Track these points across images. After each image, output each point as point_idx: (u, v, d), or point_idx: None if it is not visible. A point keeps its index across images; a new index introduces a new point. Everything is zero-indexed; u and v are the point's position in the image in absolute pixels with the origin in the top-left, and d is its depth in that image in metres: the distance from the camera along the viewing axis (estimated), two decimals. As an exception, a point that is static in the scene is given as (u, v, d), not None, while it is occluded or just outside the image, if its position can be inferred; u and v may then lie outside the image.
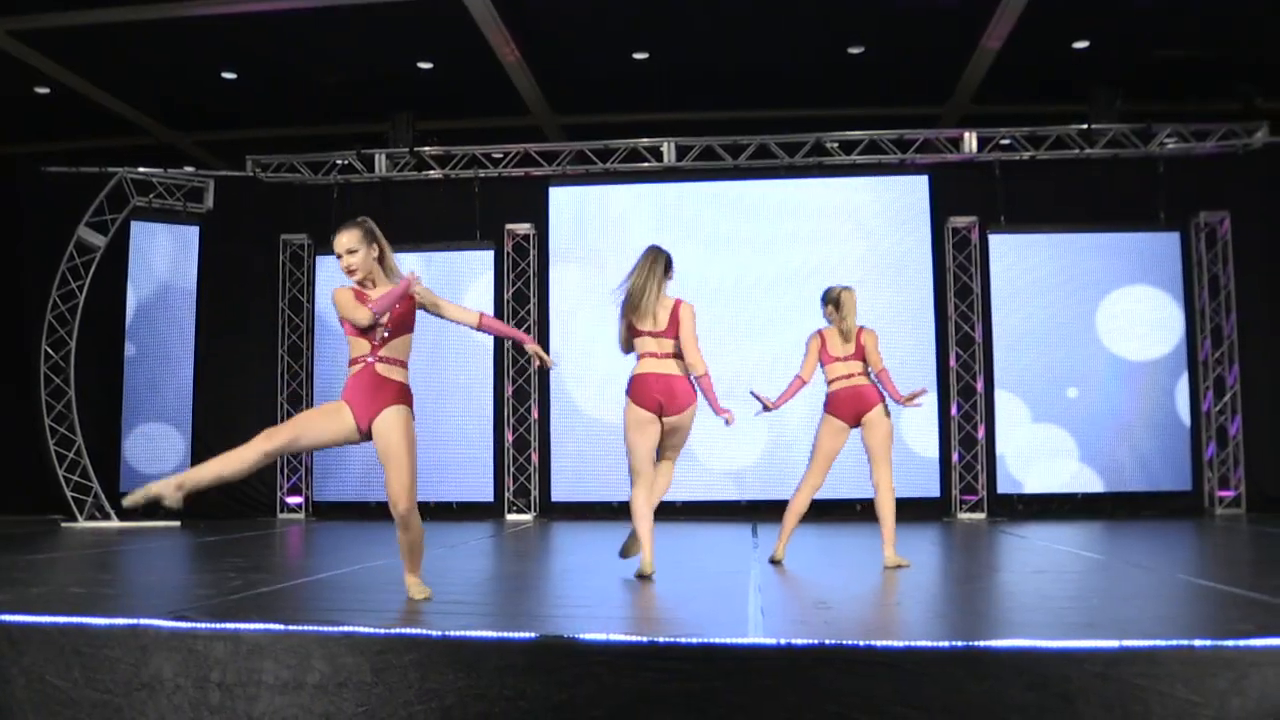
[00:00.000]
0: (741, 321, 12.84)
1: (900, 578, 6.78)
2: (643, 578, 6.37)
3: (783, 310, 12.77)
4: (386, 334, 5.26)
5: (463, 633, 3.89)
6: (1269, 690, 3.54)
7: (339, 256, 5.35)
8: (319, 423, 5.31)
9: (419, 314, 5.43)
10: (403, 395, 5.24)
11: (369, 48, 11.81)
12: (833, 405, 7.57)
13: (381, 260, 5.47)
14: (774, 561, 7.38)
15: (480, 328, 5.66)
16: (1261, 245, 12.68)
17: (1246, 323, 12.67)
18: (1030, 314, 12.67)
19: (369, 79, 12.56)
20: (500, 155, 13.25)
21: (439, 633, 3.88)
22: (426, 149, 13.14)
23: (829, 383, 7.60)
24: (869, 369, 7.43)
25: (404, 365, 5.32)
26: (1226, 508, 12.51)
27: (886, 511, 7.24)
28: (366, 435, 5.26)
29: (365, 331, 5.24)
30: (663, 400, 6.76)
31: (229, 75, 12.47)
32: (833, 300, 7.49)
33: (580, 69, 12.53)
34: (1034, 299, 12.68)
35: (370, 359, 5.25)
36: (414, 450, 5.20)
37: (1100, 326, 12.58)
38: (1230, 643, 3.64)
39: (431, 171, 13.32)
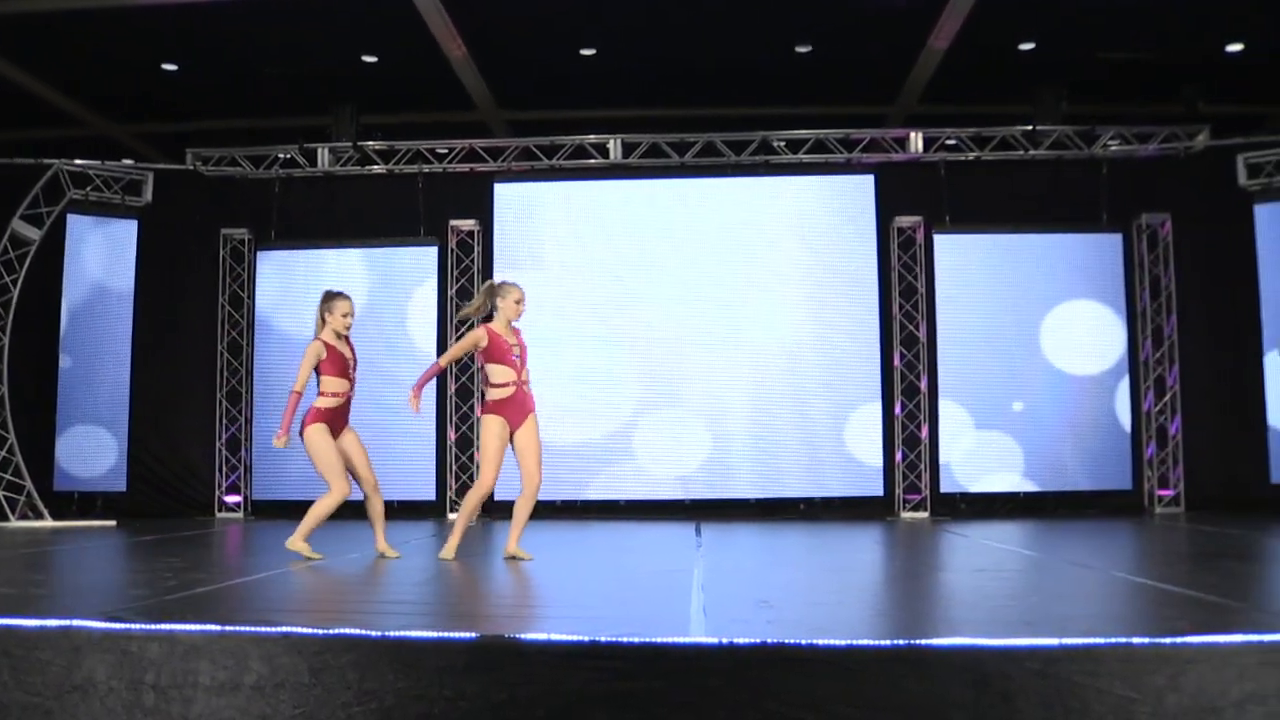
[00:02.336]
0: (688, 319, 12.82)
1: (844, 576, 6.80)
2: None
3: (729, 308, 12.79)
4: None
5: (402, 633, 3.85)
6: (1205, 686, 3.58)
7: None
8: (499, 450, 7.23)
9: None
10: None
11: (313, 40, 11.70)
12: None
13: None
14: None
15: None
16: (1202, 247, 12.83)
17: (1186, 324, 12.82)
18: (975, 316, 12.73)
19: (312, 72, 12.44)
20: (445, 150, 13.16)
21: (378, 633, 3.83)
22: (370, 143, 13.02)
23: None
24: None
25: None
26: (1166, 506, 12.65)
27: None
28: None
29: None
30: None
31: (169, 67, 12.30)
32: None
33: (527, 64, 12.48)
34: (978, 301, 12.74)
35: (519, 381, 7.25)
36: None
37: (1044, 341, 12.67)
38: (1168, 640, 3.69)
39: (375, 166, 13.19)
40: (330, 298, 7.50)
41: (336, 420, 7.48)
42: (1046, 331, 12.69)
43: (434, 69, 12.20)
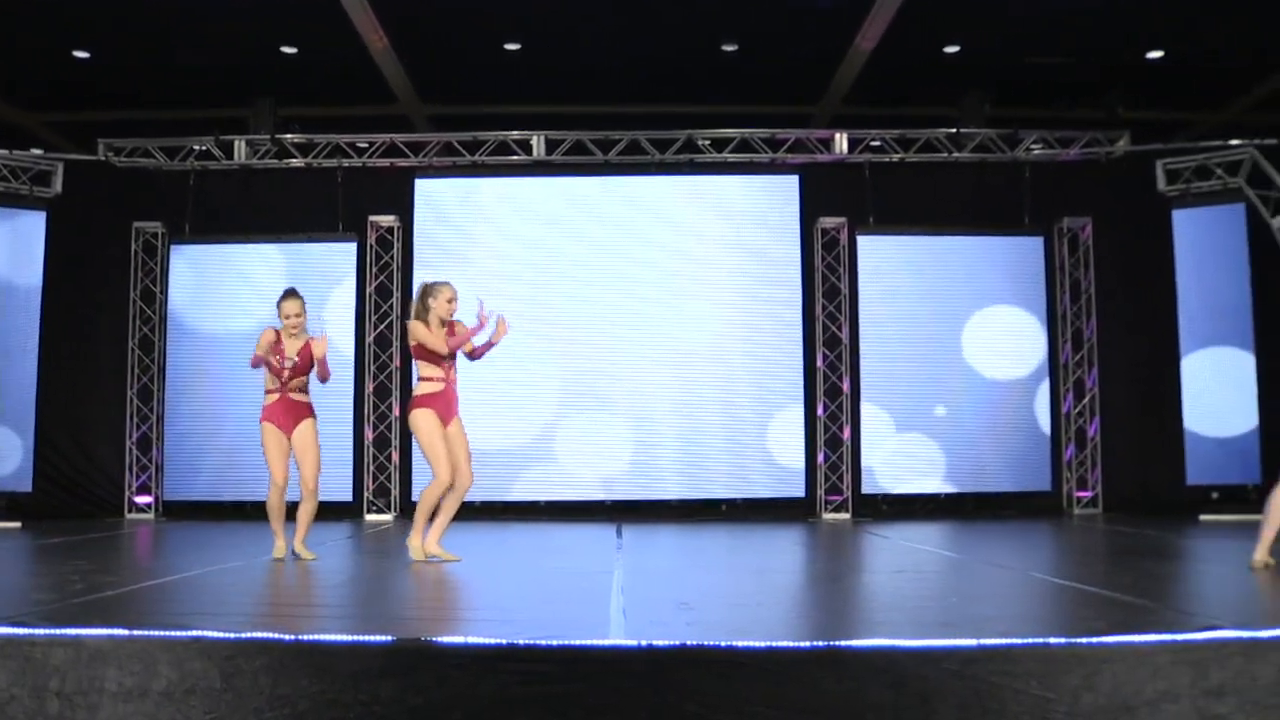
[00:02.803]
0: (611, 319, 12.78)
1: (765, 577, 6.80)
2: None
3: (652, 307, 12.77)
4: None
5: (316, 636, 3.81)
6: (1120, 685, 3.64)
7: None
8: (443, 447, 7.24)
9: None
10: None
11: (230, 30, 11.45)
12: None
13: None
14: None
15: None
16: (1121, 251, 13.03)
17: (1106, 327, 13.01)
18: (898, 318, 12.79)
19: (230, 63, 12.20)
20: (365, 145, 12.98)
21: (291, 636, 3.78)
22: (288, 136, 12.82)
23: None
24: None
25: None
26: (1084, 508, 12.83)
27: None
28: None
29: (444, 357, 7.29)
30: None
31: (81, 54, 12.00)
32: None
33: (450, 58, 12.35)
34: (902, 303, 12.81)
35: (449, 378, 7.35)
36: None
37: (966, 345, 12.78)
38: (1083, 640, 3.76)
39: (293, 160, 12.98)
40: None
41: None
42: (968, 335, 12.79)
43: (355, 61, 12.03)
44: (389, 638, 3.79)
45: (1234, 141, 12.62)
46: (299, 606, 5.23)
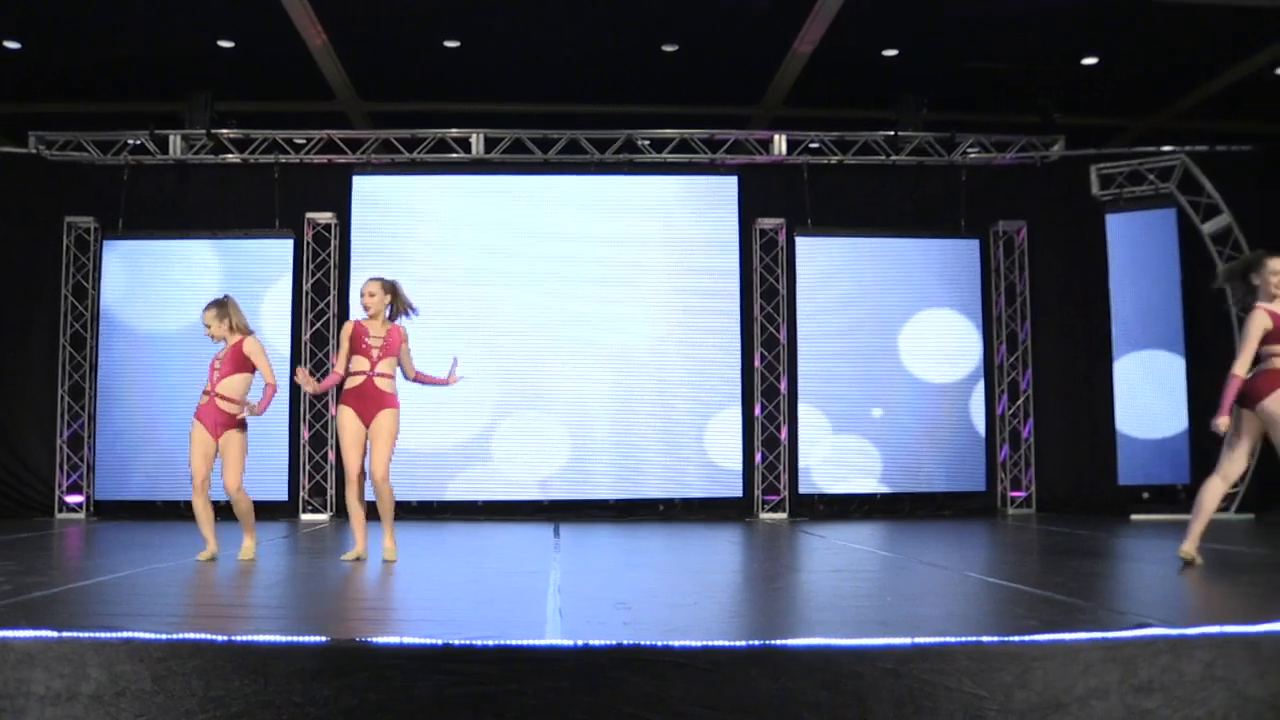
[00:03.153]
0: (549, 318, 12.75)
1: (702, 577, 6.81)
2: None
3: (591, 307, 12.76)
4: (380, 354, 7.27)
5: (250, 637, 3.76)
6: (1051, 683, 3.68)
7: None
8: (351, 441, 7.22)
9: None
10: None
11: (166, 22, 11.30)
12: None
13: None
14: None
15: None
16: (1056, 255, 13.22)
17: (1040, 329, 13.19)
18: (835, 320, 12.89)
19: (165, 55, 12.03)
20: (303, 141, 12.87)
21: (224, 637, 3.73)
22: (225, 131, 12.68)
23: None
24: None
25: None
26: (1018, 508, 12.99)
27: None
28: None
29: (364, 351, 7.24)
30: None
31: (12, 45, 11.78)
32: None
33: (389, 55, 12.26)
34: (839, 304, 12.91)
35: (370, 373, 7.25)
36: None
37: (902, 347, 12.90)
38: (1016, 638, 3.79)
39: (229, 155, 12.85)
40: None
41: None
42: (905, 338, 12.91)
43: (293, 57, 11.91)
44: (324, 638, 3.75)
45: (1166, 148, 12.86)
46: (233, 607, 5.17)
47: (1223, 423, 6.50)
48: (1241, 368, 6.52)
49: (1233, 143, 12.89)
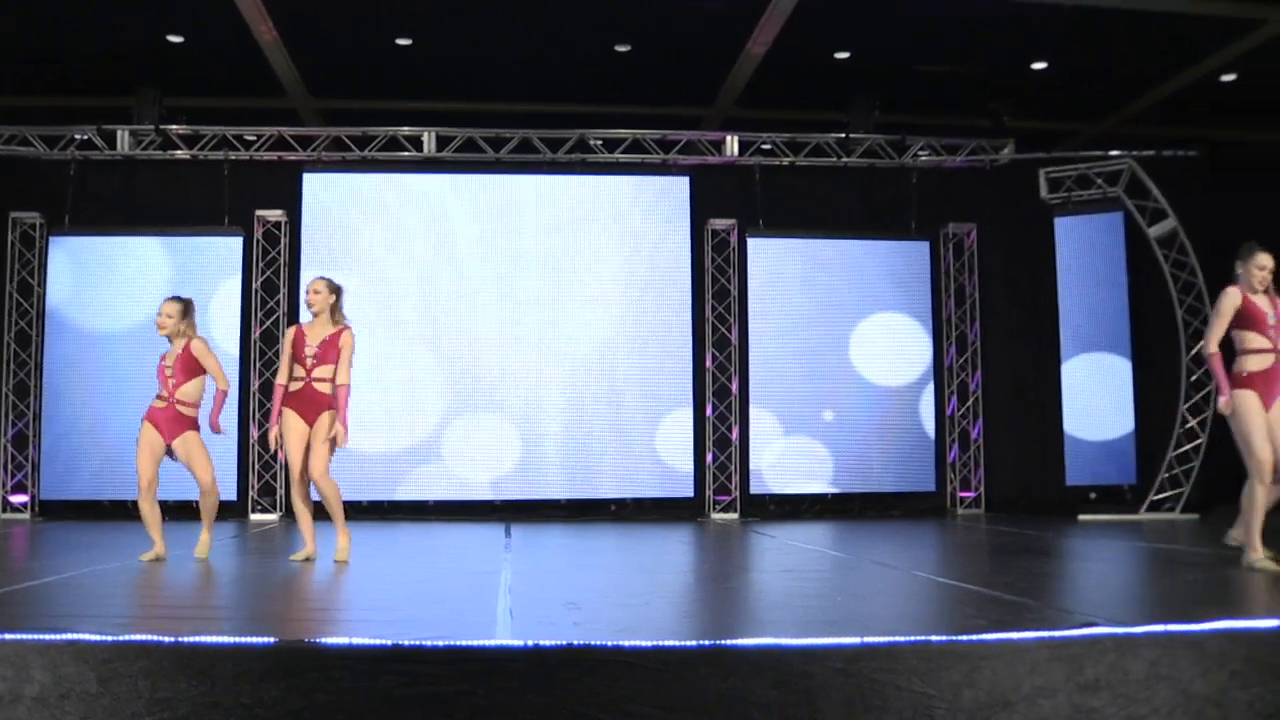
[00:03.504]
0: (501, 317, 12.71)
1: (653, 577, 6.82)
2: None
3: (543, 307, 12.73)
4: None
5: (197, 638, 3.70)
6: (999, 681, 3.71)
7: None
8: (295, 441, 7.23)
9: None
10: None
11: (115, 16, 11.17)
12: None
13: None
14: None
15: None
16: (1005, 257, 13.33)
17: (989, 331, 13.30)
18: (786, 321, 12.92)
19: (114, 49, 11.89)
20: (253, 138, 12.76)
21: (171, 638, 3.68)
22: (174, 127, 12.54)
23: None
24: None
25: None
26: (967, 508, 13.09)
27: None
28: None
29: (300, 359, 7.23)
30: None
31: (-44, 39, 11.62)
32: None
33: (340, 52, 12.18)
34: (790, 305, 12.94)
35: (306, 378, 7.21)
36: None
37: (853, 349, 12.95)
38: (964, 638, 3.82)
39: (179, 151, 12.71)
40: None
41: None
42: (856, 341, 12.96)
43: (243, 52, 11.80)
44: (272, 639, 3.72)
45: (1114, 152, 12.98)
46: (180, 608, 5.12)
47: (1224, 402, 6.50)
48: (1213, 344, 6.54)
49: (1179, 148, 13.04)
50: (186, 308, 7.46)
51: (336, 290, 7.42)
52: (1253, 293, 6.64)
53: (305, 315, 7.60)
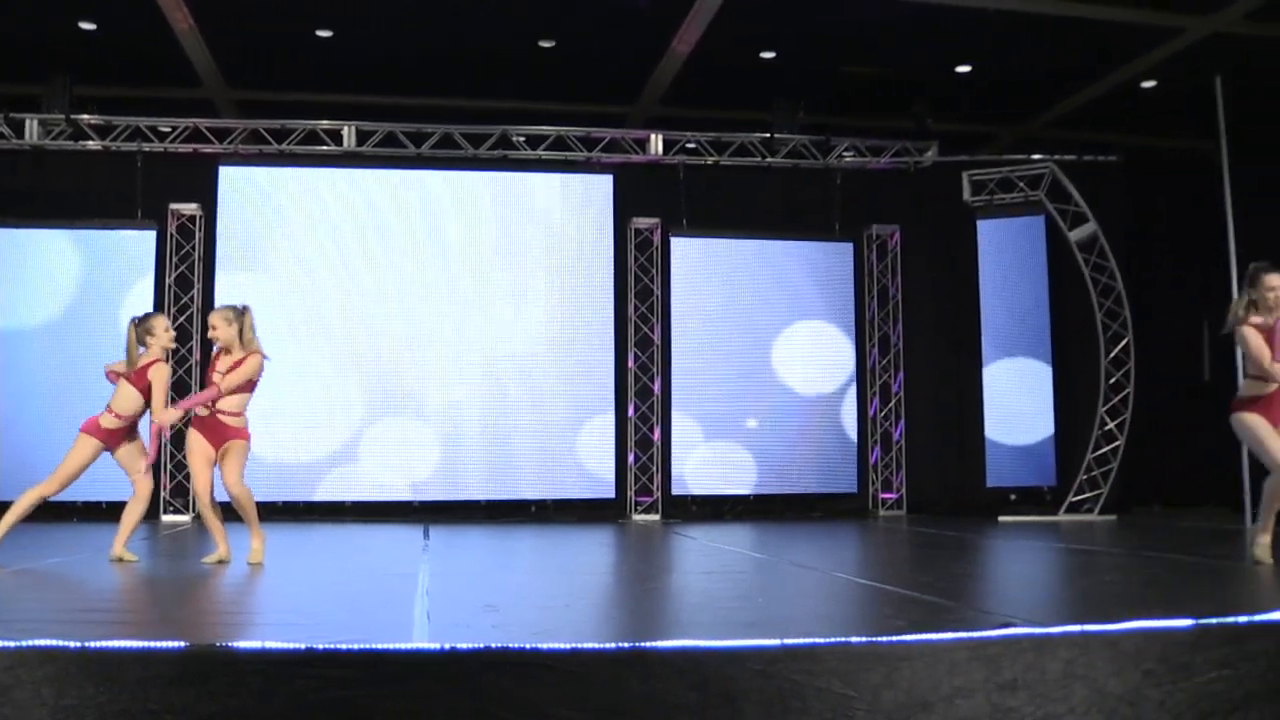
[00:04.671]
0: (422, 316, 12.59)
1: (573, 579, 6.78)
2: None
3: (465, 305, 12.63)
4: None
5: (104, 643, 3.59)
6: (918, 682, 3.72)
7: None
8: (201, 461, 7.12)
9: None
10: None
11: (24, 1, 10.88)
12: None
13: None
14: None
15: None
16: (928, 259, 13.45)
17: (912, 333, 13.40)
18: (710, 321, 12.94)
19: (22, 35, 11.58)
20: (168, 129, 12.50)
21: (77, 644, 3.56)
22: (85, 117, 12.25)
23: None
24: None
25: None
26: (889, 509, 13.17)
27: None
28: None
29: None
30: None
31: None
32: None
33: (259, 42, 11.95)
34: (714, 305, 12.96)
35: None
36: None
37: (776, 354, 12.99)
38: (884, 639, 3.82)
39: (90, 142, 12.42)
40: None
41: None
42: (779, 344, 13.00)
43: (158, 41, 11.53)
44: (181, 643, 3.62)
45: (1036, 156, 13.16)
46: (87, 612, 4.98)
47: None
48: (1268, 363, 6.43)
49: (1100, 153, 13.25)
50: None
51: (240, 316, 7.22)
52: (1268, 312, 6.53)
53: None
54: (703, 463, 12.83)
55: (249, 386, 7.18)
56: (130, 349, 7.20)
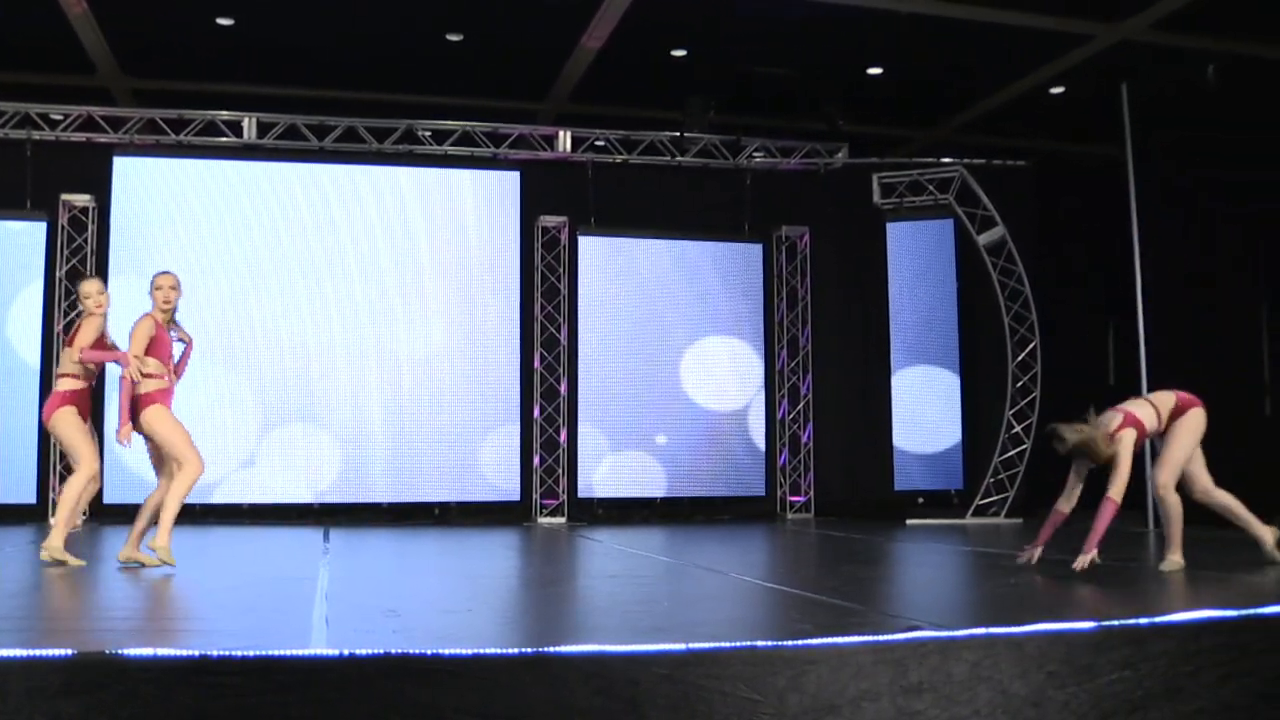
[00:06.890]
0: (324, 312, 12.36)
1: (476, 583, 6.71)
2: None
3: (367, 302, 12.44)
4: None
5: (-15, 653, 3.47)
6: (824, 686, 3.78)
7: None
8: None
9: None
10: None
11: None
12: None
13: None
14: None
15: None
16: (838, 261, 13.48)
17: (821, 336, 13.42)
18: (617, 320, 12.84)
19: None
20: (59, 117, 12.12)
21: (-40, 652, 3.43)
22: (-30, 104, 11.86)
23: None
24: None
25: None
26: (797, 512, 13.16)
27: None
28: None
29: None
30: None
31: None
32: None
33: (157, 29, 11.65)
34: (622, 305, 12.87)
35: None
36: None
37: (684, 358, 12.93)
38: (790, 643, 3.88)
39: (-25, 129, 12.03)
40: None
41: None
42: (689, 357, 12.96)
43: (49, 25, 11.19)
44: (69, 651, 3.54)
45: (945, 160, 13.28)
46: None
47: None
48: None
49: (1009, 157, 13.42)
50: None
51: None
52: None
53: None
54: (610, 466, 12.75)
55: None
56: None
